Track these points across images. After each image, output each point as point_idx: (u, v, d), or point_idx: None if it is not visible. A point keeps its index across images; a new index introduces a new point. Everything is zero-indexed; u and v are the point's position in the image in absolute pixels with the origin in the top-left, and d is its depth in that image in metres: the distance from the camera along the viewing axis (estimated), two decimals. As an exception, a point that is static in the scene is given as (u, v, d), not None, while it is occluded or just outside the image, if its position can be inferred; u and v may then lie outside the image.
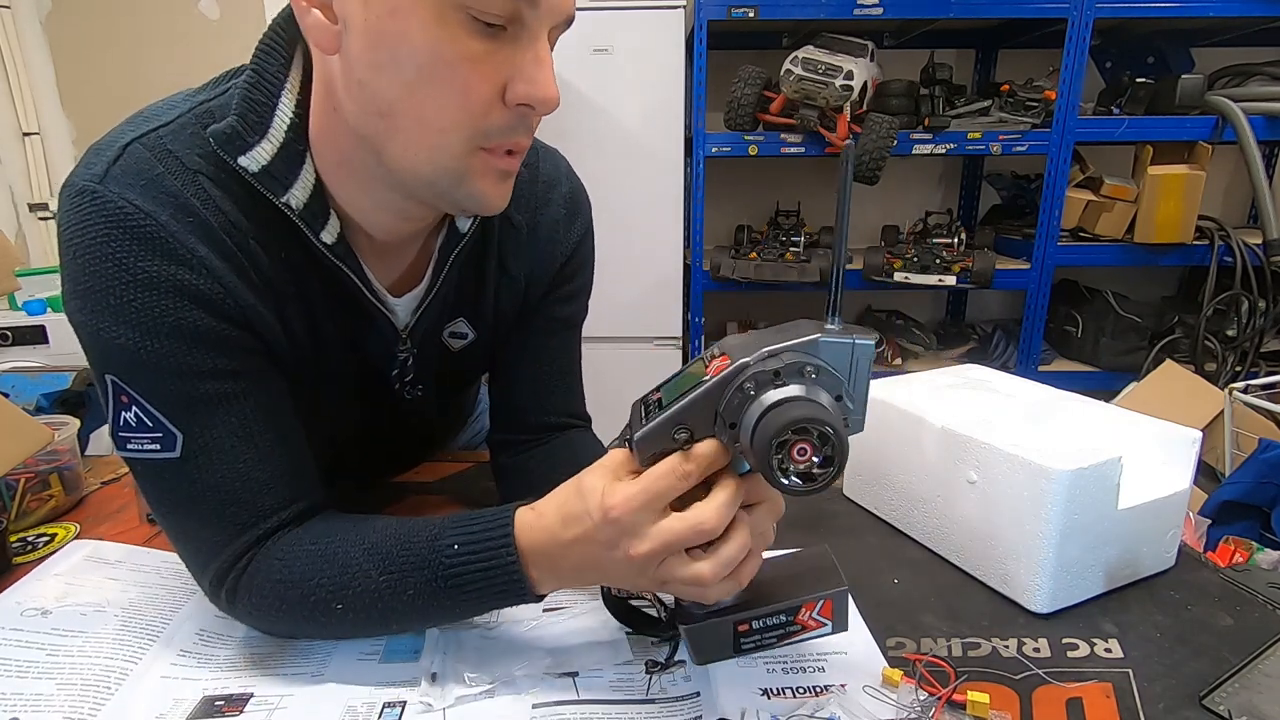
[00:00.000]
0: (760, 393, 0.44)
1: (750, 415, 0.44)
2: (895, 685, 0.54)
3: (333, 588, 0.53)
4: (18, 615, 0.62)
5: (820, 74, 1.98)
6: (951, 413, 0.71)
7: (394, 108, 0.48)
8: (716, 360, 0.46)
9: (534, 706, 0.53)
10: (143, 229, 0.49)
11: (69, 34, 2.48)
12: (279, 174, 0.53)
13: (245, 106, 0.52)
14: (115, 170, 0.50)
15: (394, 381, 0.68)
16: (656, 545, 0.46)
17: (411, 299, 0.64)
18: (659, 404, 0.48)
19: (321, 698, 0.54)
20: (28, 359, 1.87)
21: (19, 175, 2.57)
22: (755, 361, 0.44)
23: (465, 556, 0.51)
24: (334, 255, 0.56)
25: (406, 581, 0.52)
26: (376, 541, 0.54)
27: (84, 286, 0.50)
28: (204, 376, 0.53)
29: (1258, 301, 2.17)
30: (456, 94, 0.47)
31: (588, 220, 0.74)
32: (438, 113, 0.48)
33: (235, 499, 0.54)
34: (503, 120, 0.49)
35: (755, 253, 2.24)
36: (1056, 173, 2.14)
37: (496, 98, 0.48)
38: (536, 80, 0.48)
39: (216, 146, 0.51)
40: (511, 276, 0.69)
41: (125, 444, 0.53)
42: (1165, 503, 0.66)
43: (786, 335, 0.46)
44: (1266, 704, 0.52)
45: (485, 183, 0.52)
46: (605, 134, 2.11)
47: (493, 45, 0.47)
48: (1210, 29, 2.29)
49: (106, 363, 0.52)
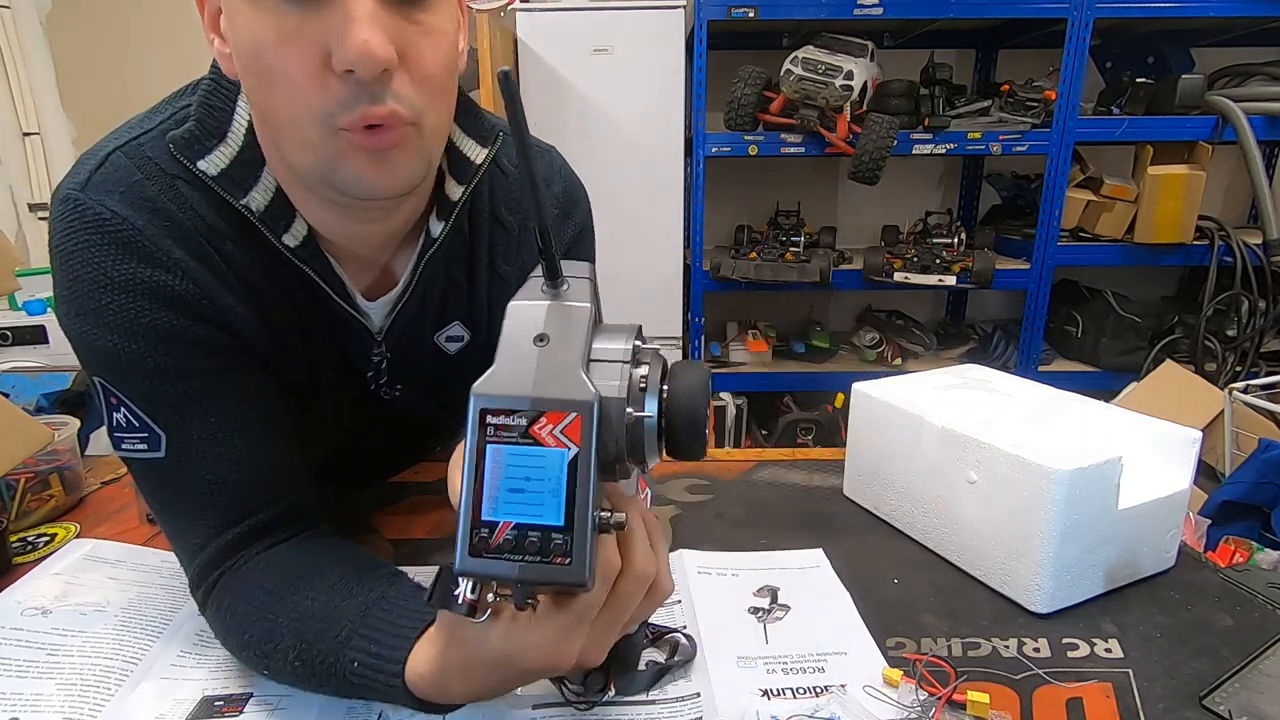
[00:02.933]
0: (640, 404, 0.38)
1: (648, 432, 0.38)
2: (895, 685, 0.54)
3: (259, 651, 0.52)
4: (17, 615, 0.62)
5: (820, 74, 1.98)
6: (951, 413, 0.71)
7: (262, 111, 0.50)
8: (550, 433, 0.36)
9: (534, 707, 0.53)
10: (120, 233, 0.51)
11: (69, 34, 2.48)
12: (237, 177, 0.53)
13: (203, 112, 0.53)
14: (97, 178, 0.51)
15: (370, 383, 0.68)
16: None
17: (385, 303, 0.63)
18: (546, 531, 0.36)
19: (321, 698, 0.54)
20: (28, 359, 1.87)
21: (19, 175, 2.57)
22: (603, 396, 0.36)
23: (364, 676, 0.48)
24: (298, 258, 0.56)
25: (318, 678, 0.50)
26: (303, 615, 0.51)
27: (69, 291, 0.51)
28: (182, 376, 0.53)
29: (1258, 301, 2.17)
30: (284, 78, 0.46)
31: (584, 218, 0.73)
32: (279, 102, 0.47)
33: (212, 501, 0.55)
34: (337, 92, 0.46)
35: (755, 252, 2.24)
36: (1056, 173, 2.14)
37: (323, 70, 0.46)
38: (344, 36, 0.44)
39: (176, 151, 0.52)
40: (502, 277, 0.69)
41: (120, 444, 0.55)
42: (1165, 503, 0.66)
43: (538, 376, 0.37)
44: (1266, 704, 0.52)
45: (356, 165, 0.49)
46: (605, 134, 2.11)
47: (304, 18, 0.45)
48: (1210, 29, 2.29)
49: (94, 365, 0.53)
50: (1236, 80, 2.23)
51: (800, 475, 0.90)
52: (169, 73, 2.84)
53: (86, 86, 2.51)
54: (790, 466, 0.93)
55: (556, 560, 0.36)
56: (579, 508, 0.35)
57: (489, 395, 0.36)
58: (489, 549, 0.36)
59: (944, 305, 2.84)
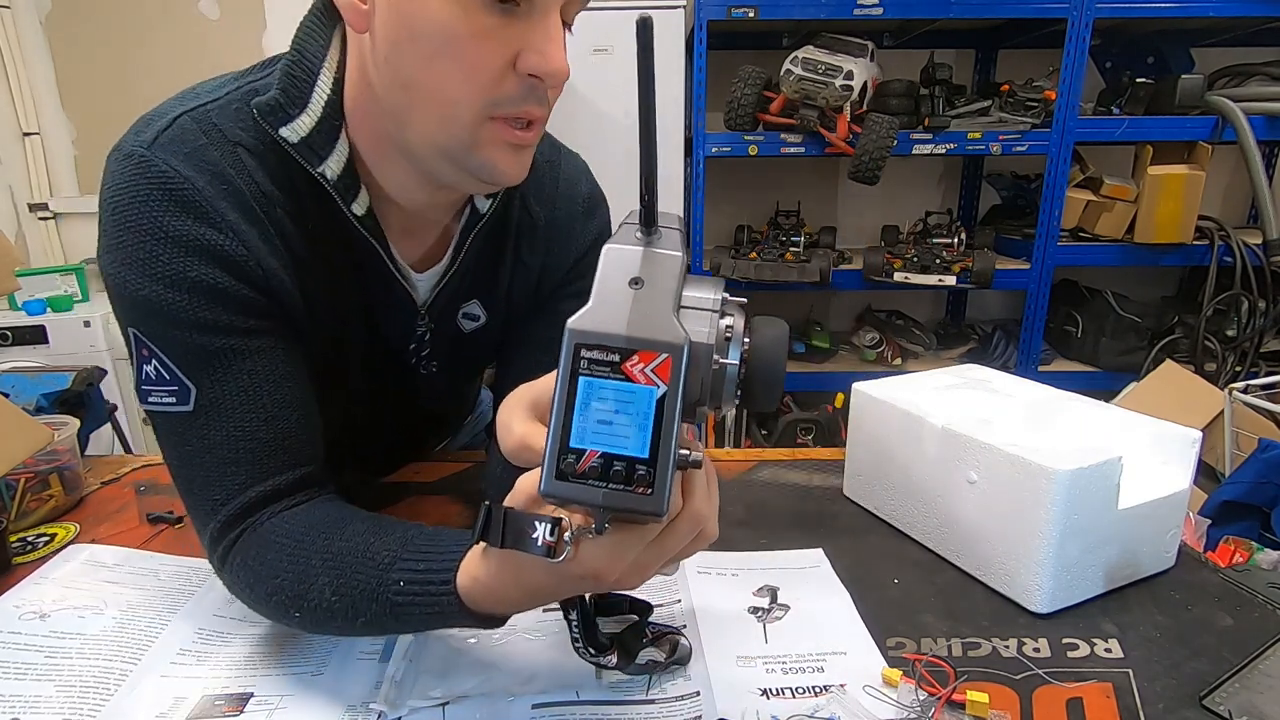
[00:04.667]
0: (724, 353, 0.40)
1: (729, 379, 0.40)
2: (895, 685, 0.54)
3: (292, 594, 0.53)
4: (15, 619, 0.62)
5: (820, 74, 1.98)
6: (951, 413, 0.71)
7: (413, 80, 0.52)
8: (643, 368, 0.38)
9: (534, 707, 0.53)
10: (180, 191, 0.53)
11: (69, 34, 2.48)
12: (316, 145, 0.56)
13: (287, 81, 0.56)
14: (163, 138, 0.54)
15: (411, 356, 0.70)
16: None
17: (431, 275, 0.67)
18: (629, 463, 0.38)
19: (321, 697, 0.54)
20: (28, 359, 1.87)
21: (19, 175, 2.57)
22: (693, 338, 0.38)
23: (411, 594, 0.49)
24: (363, 227, 0.59)
25: (357, 608, 0.51)
26: (338, 554, 0.53)
27: (117, 241, 0.53)
28: (220, 331, 0.55)
29: (1257, 301, 2.17)
30: (467, 65, 0.50)
31: (604, 224, 0.76)
32: (449, 83, 0.51)
33: (237, 457, 0.56)
34: (513, 89, 0.52)
35: (755, 253, 2.24)
36: (1056, 173, 2.14)
37: (507, 68, 0.51)
38: (545, 52, 0.50)
39: (260, 117, 0.55)
40: (526, 265, 0.72)
41: (146, 397, 0.56)
42: (1165, 503, 0.66)
43: (636, 309, 0.39)
44: (1266, 704, 0.52)
45: (496, 152, 0.54)
46: (605, 134, 2.11)
47: (504, 20, 0.50)
48: (1210, 29, 2.29)
49: (132, 315, 0.55)
50: (1236, 80, 2.23)
51: (800, 475, 0.90)
52: (169, 73, 2.85)
53: (86, 86, 2.52)
54: (790, 466, 0.93)
55: (639, 490, 0.37)
56: (664, 442, 0.37)
57: (585, 331, 0.38)
58: (575, 474, 0.38)
59: (944, 305, 2.84)
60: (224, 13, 2.47)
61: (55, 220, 2.63)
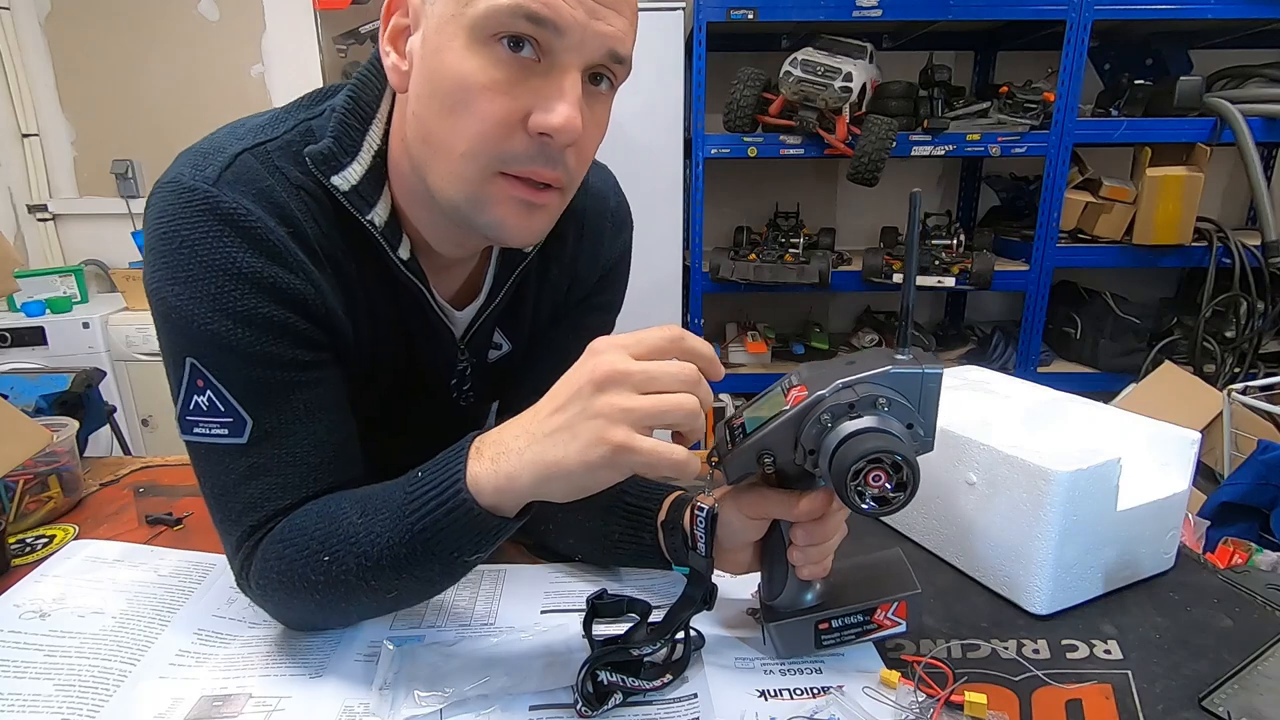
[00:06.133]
0: (837, 424, 0.47)
1: (828, 444, 0.47)
2: (893, 687, 0.54)
3: (321, 536, 0.53)
4: (15, 618, 0.62)
5: (819, 76, 1.98)
6: (951, 414, 0.70)
7: (431, 133, 0.53)
8: (795, 390, 0.50)
9: (531, 709, 0.53)
10: (254, 231, 0.54)
11: (68, 35, 2.48)
12: (366, 194, 0.58)
13: (340, 130, 0.57)
14: (228, 175, 0.54)
15: (453, 390, 0.72)
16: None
17: (469, 312, 0.68)
18: (743, 429, 0.52)
19: (319, 698, 0.54)
20: (26, 360, 1.87)
21: (18, 177, 2.57)
22: (831, 394, 0.48)
23: (423, 497, 0.51)
24: (409, 270, 0.61)
25: (379, 519, 0.52)
26: (367, 493, 0.55)
27: (185, 274, 0.53)
28: (283, 366, 0.56)
29: (1256, 303, 2.17)
30: (476, 118, 0.50)
31: (629, 239, 0.78)
32: (459, 136, 0.51)
33: (284, 483, 0.56)
34: (522, 147, 0.51)
35: (755, 254, 2.24)
36: (1055, 174, 2.14)
37: (517, 125, 0.51)
38: (553, 109, 0.50)
39: (312, 165, 0.56)
40: (552, 284, 0.73)
41: (192, 428, 0.55)
42: (1164, 504, 0.66)
43: (859, 367, 0.49)
44: (1266, 705, 0.52)
45: (505, 210, 0.54)
46: (607, 135, 2.11)
47: (521, 76, 0.50)
48: (1208, 31, 2.30)
49: (195, 346, 0.54)
50: (1235, 82, 2.24)
51: (799, 476, 0.90)
52: (169, 74, 2.84)
53: (86, 87, 2.52)
54: (789, 468, 0.92)
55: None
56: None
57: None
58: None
59: (943, 306, 2.84)
60: (224, 14, 2.48)
61: (54, 222, 2.63)
